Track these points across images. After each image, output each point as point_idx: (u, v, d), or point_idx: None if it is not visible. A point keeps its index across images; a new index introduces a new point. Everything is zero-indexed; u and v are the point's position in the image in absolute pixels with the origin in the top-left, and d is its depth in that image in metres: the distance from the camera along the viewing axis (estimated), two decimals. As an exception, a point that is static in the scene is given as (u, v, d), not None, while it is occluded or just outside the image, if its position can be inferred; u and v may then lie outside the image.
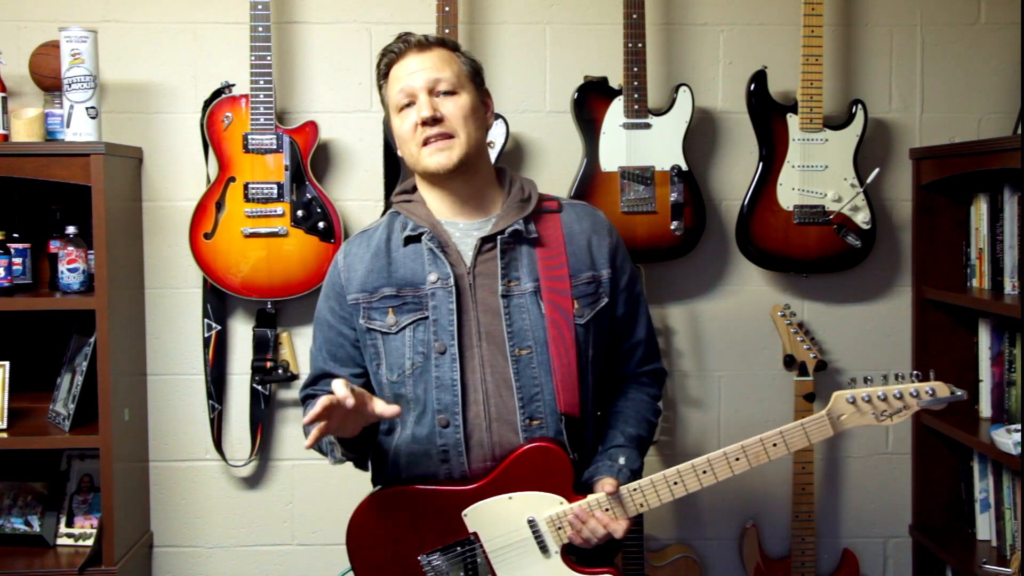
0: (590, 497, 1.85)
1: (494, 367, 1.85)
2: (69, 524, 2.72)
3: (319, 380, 2.01)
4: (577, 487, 1.87)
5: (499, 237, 1.88)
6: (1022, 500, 2.58)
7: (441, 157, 1.84)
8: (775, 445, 1.82)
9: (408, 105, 1.87)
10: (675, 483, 1.86)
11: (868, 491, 3.00)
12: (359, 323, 1.92)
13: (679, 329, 2.94)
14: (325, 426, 1.67)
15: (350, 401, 1.64)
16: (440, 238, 1.89)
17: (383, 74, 1.93)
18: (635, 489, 1.86)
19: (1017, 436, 2.41)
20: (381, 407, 1.72)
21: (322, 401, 1.64)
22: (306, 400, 2.05)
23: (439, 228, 1.90)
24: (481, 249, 1.88)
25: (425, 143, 1.85)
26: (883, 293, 2.98)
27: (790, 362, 2.77)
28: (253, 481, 2.93)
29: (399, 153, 1.96)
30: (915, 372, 1.83)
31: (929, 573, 2.91)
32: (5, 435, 2.59)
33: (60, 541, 2.70)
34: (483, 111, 1.93)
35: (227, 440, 2.90)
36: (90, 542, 2.66)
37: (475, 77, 1.94)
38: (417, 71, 1.86)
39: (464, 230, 1.91)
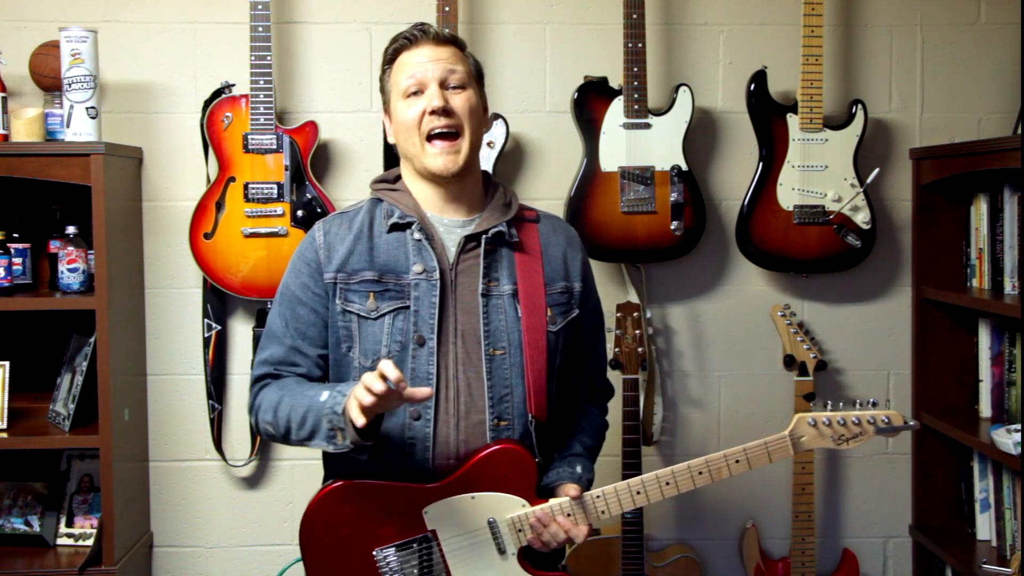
0: (553, 501, 1.85)
1: (467, 365, 1.85)
2: (69, 524, 2.72)
3: (286, 362, 1.90)
4: (540, 493, 1.88)
5: (483, 237, 1.88)
6: (1022, 500, 2.58)
7: (448, 161, 1.83)
8: (737, 461, 1.88)
9: (416, 93, 1.85)
10: (637, 492, 1.88)
11: (868, 491, 3.00)
12: (334, 303, 1.88)
13: (679, 329, 2.94)
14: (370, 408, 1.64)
15: (403, 385, 1.62)
16: (427, 230, 1.88)
17: (389, 59, 1.91)
18: (598, 496, 1.87)
19: (1017, 436, 2.41)
20: (410, 390, 1.67)
21: (379, 384, 1.61)
22: (264, 379, 1.92)
23: (426, 220, 1.89)
24: (465, 247, 1.88)
25: (430, 138, 1.84)
26: (883, 293, 2.98)
27: (790, 362, 2.77)
28: (253, 481, 2.93)
29: (391, 140, 1.94)
30: (873, 400, 1.92)
31: (929, 573, 2.91)
32: (5, 435, 2.59)
33: (60, 541, 2.70)
34: (483, 113, 1.94)
35: (227, 440, 2.90)
36: (90, 542, 2.66)
37: (480, 79, 1.95)
38: (432, 61, 1.85)
39: (448, 226, 1.90)
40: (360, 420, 1.66)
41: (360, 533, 1.85)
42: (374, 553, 1.85)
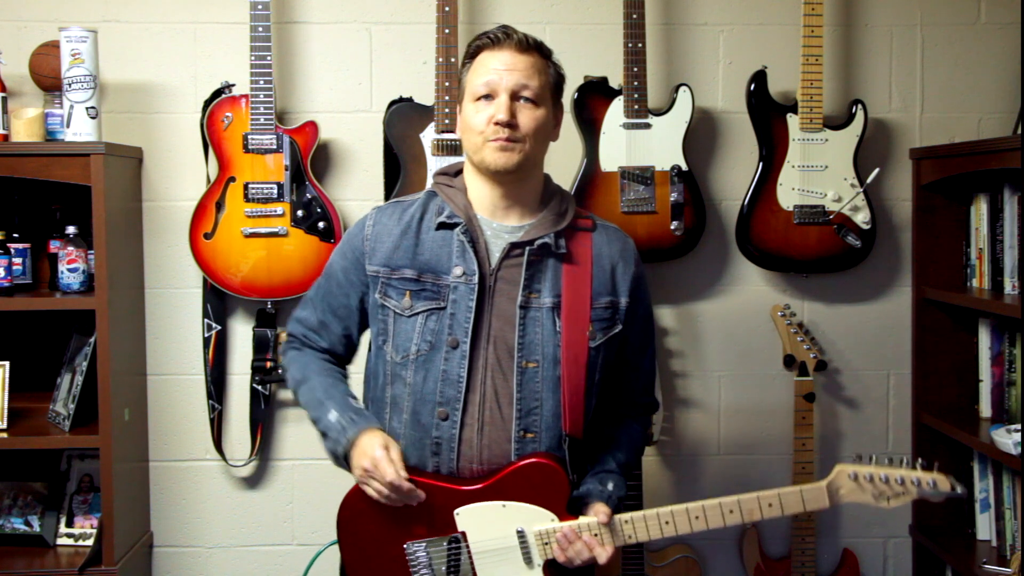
0: (581, 520, 1.86)
1: (497, 373, 1.85)
2: (69, 524, 2.72)
3: (313, 330, 2.01)
4: (569, 506, 1.88)
5: (528, 247, 1.87)
6: (1022, 500, 2.58)
7: (503, 157, 1.83)
8: (771, 506, 1.85)
9: (486, 97, 1.85)
10: (666, 523, 1.87)
11: (868, 491, 3.00)
12: (374, 296, 1.92)
13: (679, 329, 2.94)
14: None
15: (407, 486, 1.80)
16: (473, 232, 1.88)
17: (471, 55, 1.92)
18: (627, 521, 1.87)
19: (1017, 436, 2.41)
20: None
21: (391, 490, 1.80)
22: (293, 339, 2.05)
23: (474, 222, 1.89)
24: (509, 254, 1.87)
25: (493, 140, 1.84)
26: (883, 293, 2.98)
27: (790, 362, 2.77)
28: (253, 481, 2.93)
29: (458, 134, 1.96)
30: (922, 461, 1.85)
31: (929, 573, 2.91)
32: (5, 435, 2.59)
33: (60, 541, 2.70)
34: (551, 126, 1.92)
35: (227, 440, 2.90)
36: (90, 542, 2.66)
37: (556, 91, 1.94)
38: (508, 70, 1.85)
39: (496, 230, 1.90)
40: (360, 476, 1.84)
41: (393, 525, 1.88)
42: (405, 546, 1.88)
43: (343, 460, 1.88)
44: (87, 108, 2.55)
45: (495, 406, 1.85)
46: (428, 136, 2.67)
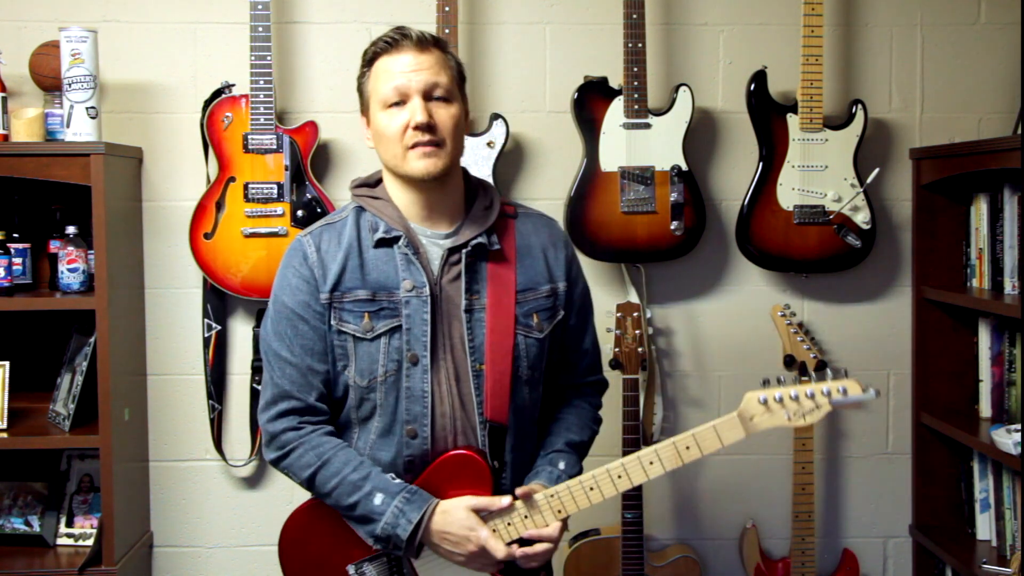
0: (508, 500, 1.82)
1: (458, 380, 1.83)
2: (69, 524, 2.72)
3: (300, 389, 1.84)
4: (499, 493, 1.83)
5: (464, 251, 1.84)
6: (1022, 500, 2.58)
7: (428, 164, 1.78)
8: (688, 448, 1.79)
9: (398, 103, 1.80)
10: (591, 488, 1.81)
11: (868, 491, 3.00)
12: (331, 322, 1.84)
13: (679, 329, 2.94)
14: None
15: (518, 552, 1.80)
16: (414, 243, 1.84)
17: (367, 62, 1.87)
18: (552, 495, 1.82)
19: (1017, 436, 2.41)
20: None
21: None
22: (285, 416, 1.85)
23: (412, 233, 1.85)
24: (448, 260, 1.84)
25: (413, 147, 1.79)
26: (883, 293, 2.98)
27: (790, 362, 2.77)
28: (253, 481, 2.93)
29: (369, 145, 1.89)
30: (845, 369, 1.79)
31: (929, 573, 2.91)
32: (5, 435, 2.59)
33: (60, 541, 2.70)
34: (465, 122, 1.88)
35: (227, 440, 2.90)
36: (90, 542, 2.66)
37: (461, 83, 1.89)
38: (415, 71, 1.79)
39: (431, 238, 1.86)
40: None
41: (332, 552, 1.87)
42: (348, 569, 1.86)
43: (403, 543, 1.77)
44: (87, 108, 2.55)
45: (463, 415, 1.83)
46: (428, 136, 2.67)
